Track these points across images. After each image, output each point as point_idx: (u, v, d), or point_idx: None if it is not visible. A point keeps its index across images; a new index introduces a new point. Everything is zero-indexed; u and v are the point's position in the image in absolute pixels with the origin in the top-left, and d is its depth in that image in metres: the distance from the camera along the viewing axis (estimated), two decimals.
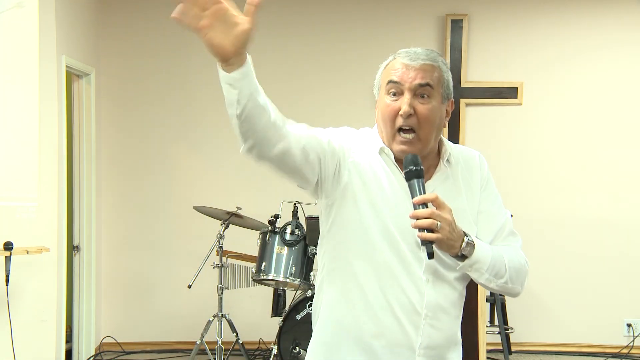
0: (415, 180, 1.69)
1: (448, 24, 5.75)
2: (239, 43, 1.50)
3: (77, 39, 5.15)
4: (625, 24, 5.75)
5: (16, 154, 4.11)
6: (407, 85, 1.76)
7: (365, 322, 1.77)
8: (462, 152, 1.90)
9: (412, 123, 1.75)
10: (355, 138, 1.84)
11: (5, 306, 3.91)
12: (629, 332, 5.66)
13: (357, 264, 1.77)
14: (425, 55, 1.81)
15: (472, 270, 1.75)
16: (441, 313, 1.77)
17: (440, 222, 1.62)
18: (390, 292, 1.75)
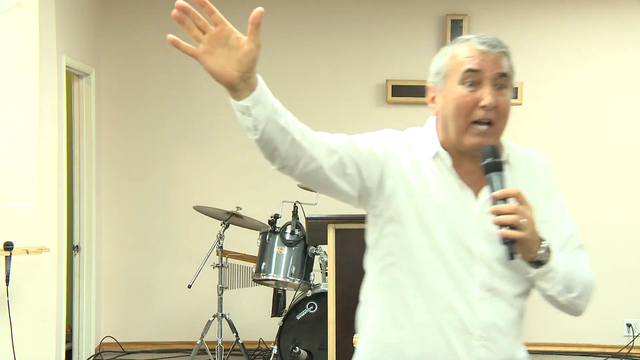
0: (494, 173, 1.54)
1: (448, 24, 5.74)
2: (243, 67, 1.41)
3: (77, 39, 5.15)
4: (626, 23, 5.75)
5: (16, 154, 4.11)
6: (487, 74, 1.59)
7: (411, 342, 1.63)
8: (524, 153, 1.73)
9: (492, 116, 1.59)
10: (400, 141, 1.69)
11: (5, 306, 3.91)
12: (629, 332, 5.66)
13: (403, 280, 1.64)
14: (499, 42, 1.63)
15: (545, 280, 1.58)
16: (497, 333, 1.61)
17: (524, 219, 1.48)
18: (438, 311, 1.60)
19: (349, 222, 3.74)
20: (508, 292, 1.63)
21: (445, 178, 1.64)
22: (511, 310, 1.64)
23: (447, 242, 1.60)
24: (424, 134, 1.71)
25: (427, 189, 1.63)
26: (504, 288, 1.62)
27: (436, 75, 1.67)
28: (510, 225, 1.48)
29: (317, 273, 4.66)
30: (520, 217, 1.48)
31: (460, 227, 1.60)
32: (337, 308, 3.77)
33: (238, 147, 5.65)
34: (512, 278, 1.62)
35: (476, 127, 1.59)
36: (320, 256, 4.57)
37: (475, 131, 1.59)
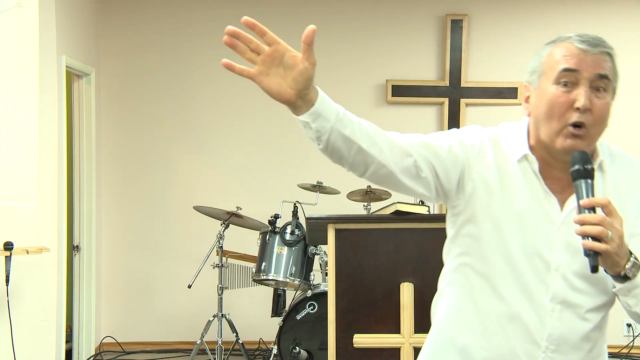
0: (583, 180, 1.45)
1: (448, 24, 5.75)
2: (299, 86, 1.42)
3: (77, 39, 5.15)
4: (626, 23, 5.75)
5: (16, 154, 4.11)
6: (585, 75, 1.51)
7: (477, 345, 1.62)
8: (625, 162, 1.63)
9: (587, 120, 1.50)
10: (486, 140, 1.62)
11: (5, 306, 3.91)
12: (629, 332, 5.66)
13: (476, 281, 1.61)
14: (602, 41, 1.55)
15: (630, 296, 1.52)
16: (567, 347, 1.57)
17: (611, 231, 1.38)
18: (506, 318, 1.57)
19: (349, 222, 3.74)
20: (582, 305, 1.57)
21: (531, 183, 1.58)
22: (584, 324, 1.58)
23: (520, 250, 1.55)
24: (516, 133, 1.63)
25: (509, 194, 1.58)
26: (578, 301, 1.57)
27: (532, 74, 1.60)
28: (595, 236, 1.39)
29: (317, 273, 4.66)
30: (608, 228, 1.39)
31: (540, 235, 1.54)
32: (337, 308, 3.77)
33: (238, 147, 5.65)
34: (588, 292, 1.57)
35: (569, 129, 1.51)
36: (320, 256, 4.58)
37: (570, 132, 1.51)
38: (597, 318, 1.60)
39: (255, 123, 5.67)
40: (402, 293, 3.74)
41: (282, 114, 5.39)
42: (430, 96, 5.78)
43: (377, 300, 3.77)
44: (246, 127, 5.69)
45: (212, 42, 5.80)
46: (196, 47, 5.78)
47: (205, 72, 5.78)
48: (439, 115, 5.81)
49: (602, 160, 1.59)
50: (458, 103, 5.76)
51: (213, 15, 5.80)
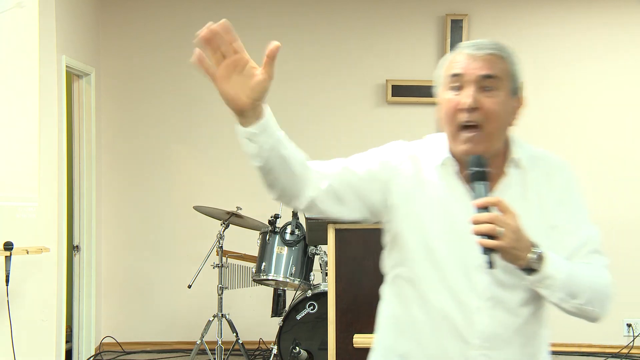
0: (481, 183, 1.53)
1: (448, 24, 5.74)
2: (255, 95, 1.46)
3: (77, 39, 5.15)
4: (626, 24, 5.75)
5: (16, 154, 4.11)
6: (468, 77, 1.58)
7: (414, 352, 1.66)
8: (541, 158, 1.68)
9: (477, 118, 1.56)
10: (404, 154, 1.69)
11: (5, 306, 3.91)
12: (629, 332, 5.66)
13: (407, 292, 1.67)
14: (491, 45, 1.62)
15: (543, 287, 1.54)
16: (500, 343, 1.59)
17: (503, 228, 1.45)
18: (437, 321, 1.61)
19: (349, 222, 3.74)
20: (511, 300, 1.60)
21: (453, 186, 1.63)
22: (514, 318, 1.61)
23: (447, 252, 1.60)
24: (438, 142, 1.69)
25: (431, 200, 1.62)
26: (507, 297, 1.60)
27: (437, 85, 1.68)
28: (487, 234, 1.46)
29: (317, 273, 4.66)
30: (500, 225, 1.45)
31: (465, 235, 1.55)
32: (337, 308, 3.76)
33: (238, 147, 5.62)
34: (516, 286, 1.59)
35: (463, 134, 1.57)
36: (320, 256, 4.57)
37: (463, 137, 1.58)
38: (528, 312, 1.62)
39: None
40: None
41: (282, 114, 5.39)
42: (430, 96, 5.72)
43: (377, 300, 3.77)
44: None
45: None
46: (196, 47, 5.77)
47: None
48: None
49: (519, 158, 1.63)
50: None
51: (213, 15, 5.78)
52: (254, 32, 5.89)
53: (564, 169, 1.69)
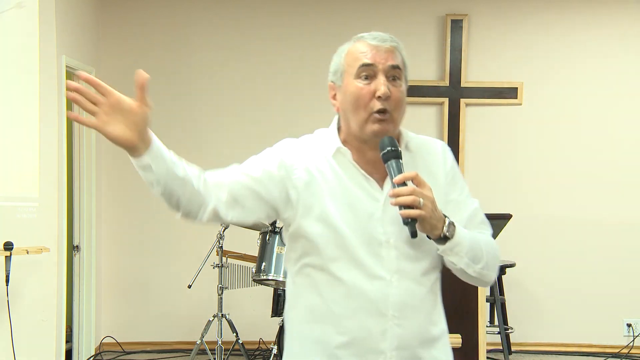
0: (394, 160, 1.65)
1: (448, 24, 5.75)
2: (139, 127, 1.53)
3: (77, 39, 5.15)
4: (626, 24, 5.75)
5: (16, 154, 4.11)
6: (380, 67, 1.71)
7: (334, 333, 1.71)
8: (424, 141, 1.85)
9: (389, 105, 1.70)
10: (295, 150, 1.77)
11: (5, 306, 3.91)
12: (629, 332, 5.66)
13: (318, 278, 1.72)
14: (391, 38, 1.76)
15: (452, 254, 1.68)
16: (409, 311, 1.70)
17: (422, 198, 1.58)
18: (353, 300, 1.69)
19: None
20: (416, 271, 1.71)
21: (349, 172, 1.73)
22: (419, 287, 1.72)
23: (352, 233, 1.68)
24: (326, 134, 1.81)
25: (329, 188, 1.71)
26: (412, 268, 1.71)
27: (334, 73, 1.78)
28: (409, 205, 1.57)
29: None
30: (419, 196, 1.58)
31: (367, 215, 1.68)
32: None
33: (238, 146, 5.64)
34: (418, 257, 1.71)
35: (375, 116, 1.69)
36: None
37: (375, 119, 1.69)
38: (429, 281, 1.75)
39: (255, 123, 5.67)
40: None
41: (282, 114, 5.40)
42: (430, 96, 5.78)
43: None
44: (246, 126, 5.69)
45: (212, 41, 5.80)
46: (196, 46, 5.78)
47: (205, 71, 5.78)
48: (439, 115, 5.81)
49: (408, 141, 1.79)
50: (458, 103, 5.75)
51: (213, 15, 5.80)
52: (254, 32, 5.91)
53: (445, 150, 1.84)
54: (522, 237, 5.62)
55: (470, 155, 5.78)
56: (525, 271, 5.60)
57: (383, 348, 1.69)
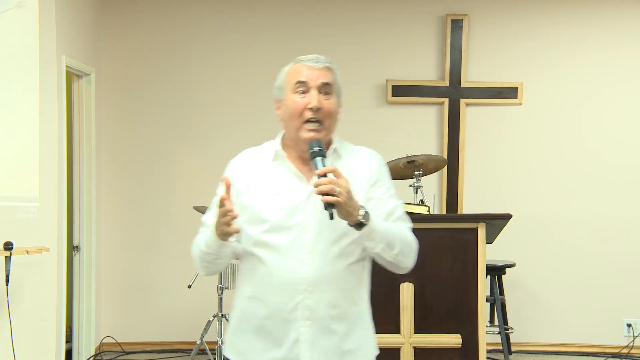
0: (319, 158, 1.97)
1: (448, 24, 5.75)
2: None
3: (77, 39, 5.15)
4: (626, 24, 5.75)
5: (16, 154, 4.11)
6: (313, 84, 2.05)
7: (260, 306, 2.06)
8: (354, 149, 2.19)
9: (319, 115, 2.03)
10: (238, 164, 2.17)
11: (5, 306, 3.91)
12: (629, 332, 5.66)
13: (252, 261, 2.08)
14: (324, 60, 2.10)
15: (369, 240, 1.97)
16: (320, 287, 2.01)
17: (339, 187, 1.87)
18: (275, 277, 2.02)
19: None
20: (330, 252, 2.02)
21: (285, 170, 2.10)
22: (333, 267, 2.02)
23: (277, 222, 2.03)
24: (270, 143, 2.18)
25: (263, 184, 2.08)
26: (326, 250, 2.02)
27: (278, 89, 2.13)
28: (328, 192, 1.86)
29: None
30: (336, 186, 1.87)
31: (294, 205, 2.03)
32: None
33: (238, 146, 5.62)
34: (333, 242, 2.02)
35: (308, 125, 2.04)
36: None
37: (309, 127, 2.04)
38: (345, 263, 2.04)
39: (255, 123, 5.66)
40: (402, 293, 3.74)
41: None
42: (430, 96, 5.78)
43: (377, 300, 3.76)
44: (246, 126, 5.68)
45: (213, 42, 5.80)
46: (196, 47, 5.79)
47: (205, 71, 5.78)
48: (439, 115, 5.81)
49: (337, 148, 2.14)
50: (458, 103, 5.75)
51: (213, 16, 5.81)
52: (254, 32, 5.91)
53: (372, 156, 2.18)
54: (522, 237, 5.62)
55: (470, 155, 5.78)
56: (525, 271, 5.61)
57: (296, 317, 2.02)
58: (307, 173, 2.07)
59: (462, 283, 3.73)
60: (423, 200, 4.20)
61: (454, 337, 3.72)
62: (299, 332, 2.02)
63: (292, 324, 2.02)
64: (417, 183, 4.32)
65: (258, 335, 2.08)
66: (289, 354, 2.03)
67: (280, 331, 2.03)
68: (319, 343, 2.03)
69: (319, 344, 2.03)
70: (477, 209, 5.49)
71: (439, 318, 3.73)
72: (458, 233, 3.76)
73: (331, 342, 2.04)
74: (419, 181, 4.33)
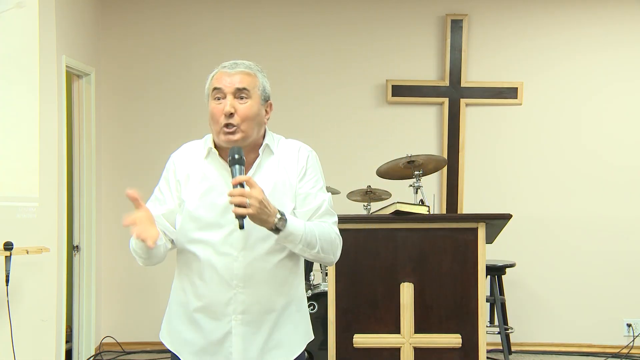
0: (237, 166, 2.02)
1: (448, 24, 5.75)
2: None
3: (77, 39, 5.15)
4: (626, 24, 5.75)
5: (16, 154, 4.11)
6: (226, 90, 2.10)
7: (192, 299, 2.18)
8: (287, 145, 2.24)
9: (234, 120, 2.08)
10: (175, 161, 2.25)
11: (5, 306, 3.91)
12: (629, 332, 5.66)
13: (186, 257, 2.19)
14: (243, 64, 2.15)
15: (287, 242, 2.05)
16: (253, 283, 2.09)
17: (249, 199, 1.92)
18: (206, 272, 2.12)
19: (349, 222, 3.74)
20: (260, 250, 2.10)
21: (218, 167, 2.15)
22: (263, 264, 2.10)
23: (211, 218, 2.11)
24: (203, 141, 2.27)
25: (199, 182, 2.14)
26: (257, 247, 2.10)
27: (206, 96, 2.21)
28: (238, 204, 1.92)
29: (317, 273, 4.65)
30: (247, 197, 1.92)
31: (225, 203, 2.03)
32: (337, 308, 3.77)
33: None
34: (264, 239, 2.09)
35: (224, 129, 2.10)
36: None
37: (225, 131, 2.10)
38: (274, 260, 2.12)
39: None
40: (402, 293, 3.74)
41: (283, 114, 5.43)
42: (430, 96, 5.78)
43: (377, 300, 3.77)
44: None
45: (212, 42, 5.80)
46: (196, 47, 5.79)
47: (205, 71, 5.75)
48: (439, 115, 5.81)
49: (267, 144, 2.18)
50: (458, 103, 5.76)
51: (213, 16, 5.81)
52: (254, 32, 5.91)
53: (305, 153, 2.22)
54: (522, 237, 5.62)
55: (470, 155, 5.78)
56: (525, 271, 5.61)
57: (229, 311, 2.11)
58: None
59: (462, 283, 3.73)
60: (423, 200, 4.20)
61: (454, 337, 3.73)
62: (231, 326, 2.12)
63: (225, 318, 2.12)
64: (417, 183, 4.32)
65: (190, 326, 2.18)
66: (220, 347, 2.13)
67: (211, 324, 2.13)
68: (249, 337, 2.12)
69: (249, 337, 2.12)
70: (477, 209, 5.49)
71: (439, 318, 3.74)
72: (458, 233, 3.76)
73: (260, 334, 2.13)
74: (419, 181, 4.33)
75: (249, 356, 2.13)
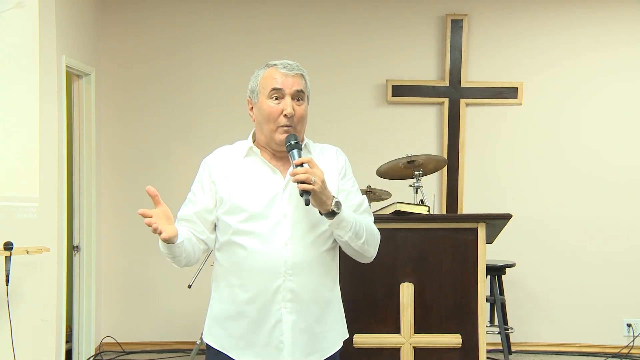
0: (295, 150, 2.12)
1: (448, 24, 5.75)
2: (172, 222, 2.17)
3: (77, 39, 5.15)
4: (626, 24, 5.75)
5: (16, 154, 4.11)
6: (287, 91, 2.18)
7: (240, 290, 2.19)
8: (322, 147, 2.35)
9: (292, 122, 2.18)
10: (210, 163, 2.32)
11: (5, 306, 3.91)
12: (629, 332, 5.66)
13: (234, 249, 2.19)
14: (297, 66, 2.24)
15: (339, 228, 2.12)
16: (300, 269, 2.15)
17: (314, 176, 2.00)
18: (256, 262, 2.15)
19: None
20: (306, 238, 2.16)
21: (259, 166, 2.24)
22: (309, 252, 2.17)
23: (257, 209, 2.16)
24: (241, 142, 2.33)
25: (240, 178, 2.22)
26: (303, 236, 2.16)
27: (252, 92, 2.27)
28: (304, 180, 2.00)
29: None
30: (311, 175, 2.01)
31: (271, 197, 2.16)
32: None
33: None
34: (309, 229, 2.17)
35: (282, 128, 2.18)
36: None
37: (282, 130, 2.19)
38: (320, 249, 2.19)
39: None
40: (402, 293, 3.74)
41: None
42: (430, 96, 5.78)
43: (377, 300, 3.77)
44: (246, 127, 5.67)
45: (212, 42, 5.80)
46: (196, 47, 5.79)
47: (205, 71, 5.78)
48: (439, 115, 5.81)
49: (308, 145, 2.29)
50: (458, 103, 5.76)
51: (213, 16, 5.81)
52: (254, 32, 5.90)
53: (337, 153, 2.34)
54: (522, 237, 5.62)
55: (470, 155, 5.78)
56: (525, 271, 5.61)
57: (278, 299, 2.15)
58: (281, 167, 2.23)
59: (462, 283, 3.73)
60: (423, 200, 4.20)
61: (454, 337, 3.73)
62: (281, 314, 2.16)
63: (274, 306, 2.15)
64: (417, 183, 4.32)
65: (238, 321, 2.19)
66: (269, 336, 2.16)
67: (261, 314, 2.16)
68: (298, 325, 2.17)
69: (297, 325, 2.17)
70: (477, 209, 5.49)
71: (439, 318, 3.74)
72: (458, 233, 3.76)
73: (307, 323, 2.18)
74: (419, 181, 4.33)
75: (298, 346, 2.17)
